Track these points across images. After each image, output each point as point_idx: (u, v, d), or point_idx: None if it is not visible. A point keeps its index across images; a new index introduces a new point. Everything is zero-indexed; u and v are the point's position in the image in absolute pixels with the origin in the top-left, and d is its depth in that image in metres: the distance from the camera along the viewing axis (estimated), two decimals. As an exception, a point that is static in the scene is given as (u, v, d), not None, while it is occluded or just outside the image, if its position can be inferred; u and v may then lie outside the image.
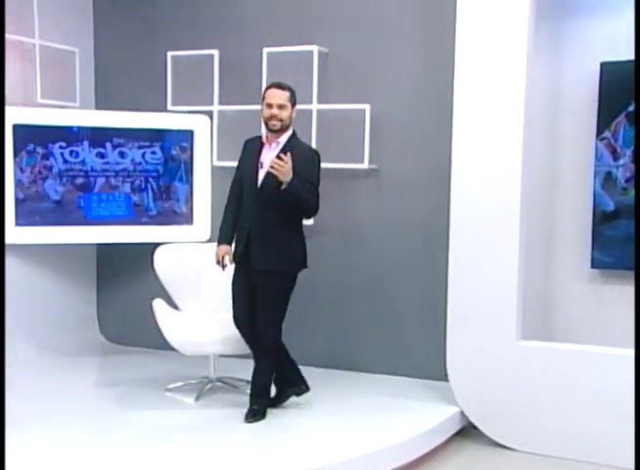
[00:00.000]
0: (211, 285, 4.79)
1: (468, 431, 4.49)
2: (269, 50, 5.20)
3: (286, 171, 3.89)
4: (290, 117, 4.13)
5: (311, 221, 4.82)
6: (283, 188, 3.94)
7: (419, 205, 4.97)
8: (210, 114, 5.47)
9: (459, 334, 4.40)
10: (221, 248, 4.31)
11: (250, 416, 4.17)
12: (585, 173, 4.64)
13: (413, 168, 4.98)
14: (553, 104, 4.69)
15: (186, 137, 5.52)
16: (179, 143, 5.54)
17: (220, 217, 4.40)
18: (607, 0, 4.53)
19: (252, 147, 4.25)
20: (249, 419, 4.16)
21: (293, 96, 4.15)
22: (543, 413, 4.23)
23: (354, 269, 5.20)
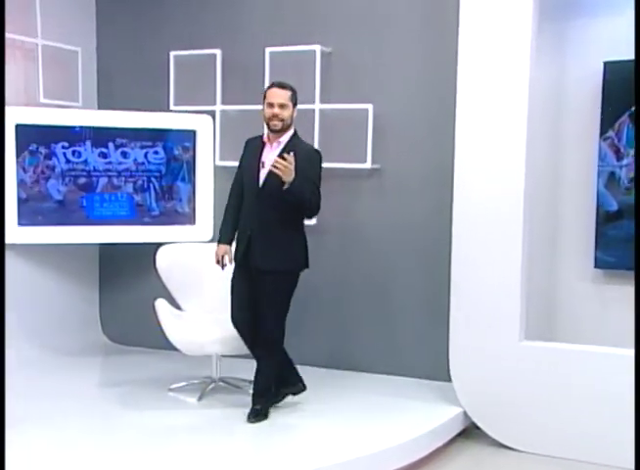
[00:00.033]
0: (214, 285, 4.78)
1: (470, 431, 4.48)
2: (272, 49, 5.20)
3: (288, 171, 3.89)
4: (291, 117, 4.12)
5: (314, 221, 4.81)
6: (285, 188, 3.93)
7: (421, 204, 4.97)
8: (213, 113, 5.47)
9: (462, 334, 4.39)
10: (221, 247, 4.30)
11: (252, 416, 4.17)
12: (589, 173, 4.63)
13: (416, 168, 4.97)
14: (556, 103, 4.68)
15: (188, 137, 5.52)
16: (182, 143, 5.53)
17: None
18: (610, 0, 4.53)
19: (254, 146, 4.24)
20: (251, 419, 4.16)
21: (294, 95, 4.14)
22: (546, 414, 4.22)
23: (356, 269, 5.20)
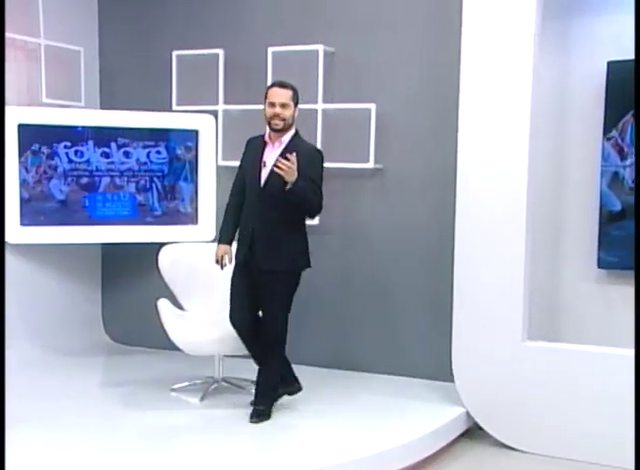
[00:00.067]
0: (216, 285, 4.76)
1: (473, 432, 4.47)
2: (274, 49, 5.19)
3: (291, 171, 3.88)
4: (292, 116, 4.11)
5: (316, 221, 4.81)
6: (288, 188, 3.93)
7: (424, 204, 4.96)
8: (215, 113, 5.46)
9: (465, 334, 4.38)
10: (221, 247, 4.29)
11: (254, 416, 4.16)
12: (592, 173, 4.62)
13: (418, 168, 4.96)
14: (560, 103, 4.67)
15: (191, 137, 5.51)
16: (184, 143, 5.53)
17: (225, 217, 4.39)
18: (614, -2, 4.52)
19: (255, 146, 4.22)
20: (253, 419, 4.15)
21: (295, 95, 4.12)
22: (549, 414, 4.21)
23: (358, 269, 5.19)
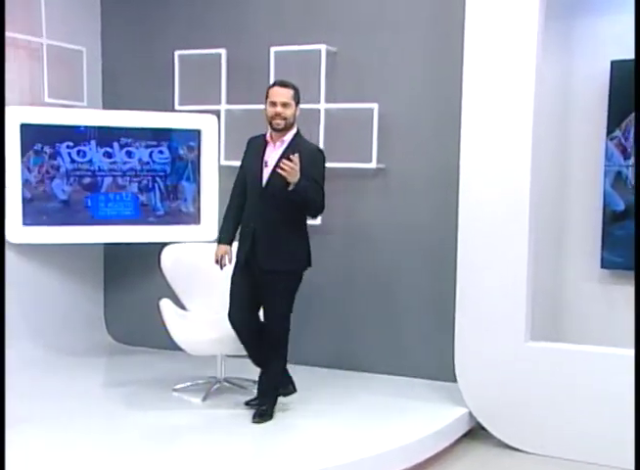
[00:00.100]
0: (219, 285, 4.76)
1: (476, 432, 4.46)
2: (277, 49, 5.18)
3: (294, 172, 3.86)
4: (294, 116, 4.09)
5: (318, 221, 4.80)
6: (291, 189, 3.92)
7: (427, 205, 4.95)
8: (218, 113, 5.46)
9: (467, 334, 4.37)
10: (221, 247, 4.28)
11: (257, 417, 4.16)
12: (595, 173, 4.61)
13: (421, 168, 4.95)
14: (563, 103, 4.66)
15: (193, 136, 5.51)
16: (186, 142, 5.52)
17: (227, 217, 4.38)
18: (617, -2, 4.51)
19: (256, 145, 4.21)
20: (256, 419, 4.15)
21: (296, 94, 4.11)
22: (552, 414, 4.20)
23: (361, 269, 5.18)
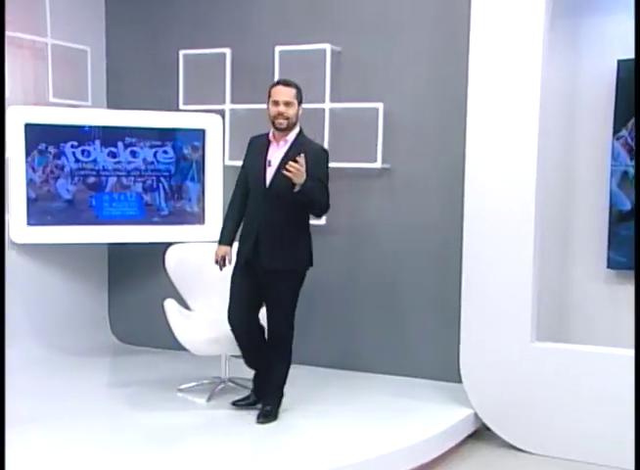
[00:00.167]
0: (223, 285, 4.75)
1: (481, 433, 4.45)
2: (281, 48, 5.17)
3: (300, 174, 3.85)
4: (296, 115, 4.07)
5: (323, 220, 4.79)
6: (297, 190, 3.90)
7: (432, 204, 4.93)
8: (222, 112, 5.45)
9: (473, 334, 4.35)
10: (221, 248, 4.27)
11: (262, 417, 4.15)
12: (602, 172, 4.59)
13: (426, 168, 4.94)
14: (569, 102, 4.64)
15: (198, 136, 5.50)
16: (191, 142, 5.52)
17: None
18: (624, -3, 4.49)
19: (259, 145, 4.18)
20: (260, 420, 4.14)
21: (299, 93, 4.09)
22: (557, 415, 4.18)
23: (365, 269, 5.17)
